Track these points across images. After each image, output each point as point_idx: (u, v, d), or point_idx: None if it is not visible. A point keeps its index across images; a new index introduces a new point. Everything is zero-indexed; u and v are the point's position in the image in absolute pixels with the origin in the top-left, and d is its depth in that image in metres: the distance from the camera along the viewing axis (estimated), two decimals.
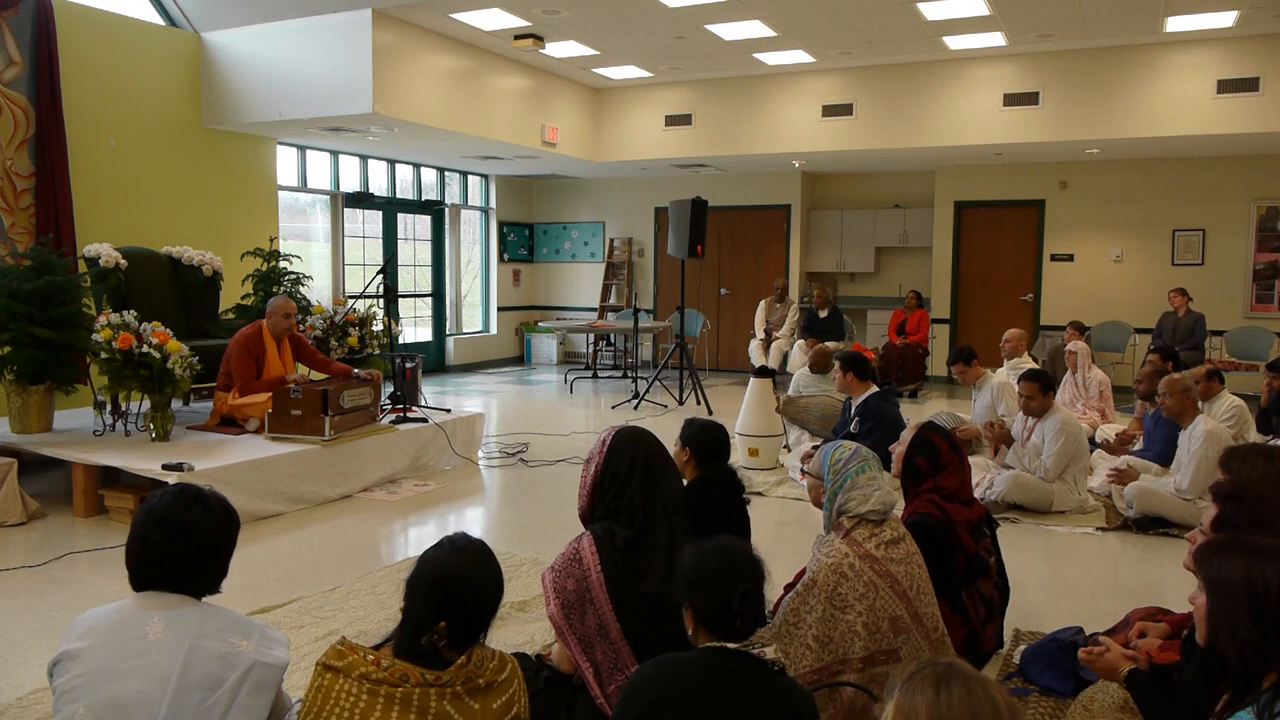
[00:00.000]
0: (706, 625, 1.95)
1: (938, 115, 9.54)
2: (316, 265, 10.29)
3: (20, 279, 5.48)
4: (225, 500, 2.07)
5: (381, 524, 5.24)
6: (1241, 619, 1.72)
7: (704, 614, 1.95)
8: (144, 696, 1.81)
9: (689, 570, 2.01)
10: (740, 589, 1.92)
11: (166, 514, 1.96)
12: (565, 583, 2.42)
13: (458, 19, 8.11)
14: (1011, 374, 6.93)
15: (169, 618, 1.89)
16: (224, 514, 2.03)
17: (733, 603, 1.91)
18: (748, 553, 2.02)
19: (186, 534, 1.94)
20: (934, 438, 3.36)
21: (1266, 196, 10.06)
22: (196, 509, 1.98)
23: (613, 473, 2.54)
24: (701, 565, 1.99)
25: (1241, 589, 1.73)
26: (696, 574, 1.98)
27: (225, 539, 2.02)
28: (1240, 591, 1.73)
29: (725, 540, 2.05)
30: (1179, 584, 4.07)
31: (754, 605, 1.94)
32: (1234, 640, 1.72)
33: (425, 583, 1.89)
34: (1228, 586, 1.76)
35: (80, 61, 7.33)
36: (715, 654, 1.90)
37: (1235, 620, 1.72)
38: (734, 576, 1.94)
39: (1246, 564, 1.76)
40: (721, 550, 2.00)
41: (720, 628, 1.92)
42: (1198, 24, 8.04)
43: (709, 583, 1.95)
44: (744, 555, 2.00)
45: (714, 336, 12.72)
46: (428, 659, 1.84)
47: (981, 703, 1.26)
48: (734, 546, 2.02)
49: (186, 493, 2.03)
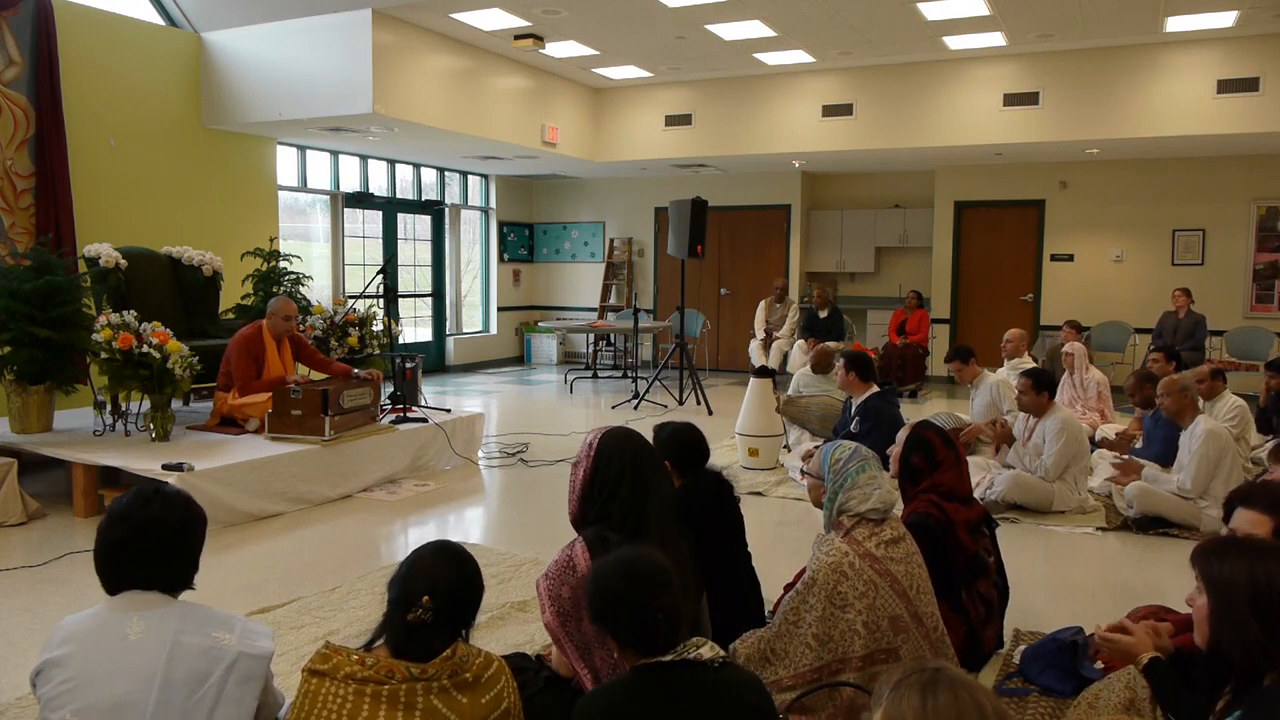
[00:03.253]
0: (631, 647, 1.88)
1: (938, 115, 9.54)
2: (316, 265, 10.28)
3: (20, 279, 5.47)
4: (188, 496, 2.08)
5: (381, 524, 5.24)
6: (1246, 619, 1.71)
7: (624, 639, 1.88)
8: (130, 697, 1.81)
9: (594, 595, 1.91)
10: (654, 607, 1.84)
11: (125, 511, 1.97)
12: (560, 590, 2.40)
13: (458, 19, 8.11)
14: (1012, 374, 6.92)
15: (148, 617, 1.89)
16: (184, 508, 2.03)
17: (649, 624, 1.84)
18: (652, 564, 1.92)
19: (146, 529, 1.94)
20: (927, 434, 3.36)
21: (1266, 196, 10.06)
22: (155, 504, 1.98)
23: (602, 476, 2.49)
24: (606, 590, 1.90)
25: (1245, 590, 1.73)
26: (603, 600, 1.89)
27: (188, 533, 2.02)
28: (1243, 592, 1.73)
29: (625, 555, 1.95)
30: (1179, 584, 4.07)
31: (672, 618, 1.86)
32: (1238, 640, 1.71)
33: (405, 566, 1.93)
34: (1230, 587, 1.76)
35: (80, 61, 7.33)
36: (650, 673, 1.85)
37: (1239, 621, 1.72)
38: (645, 596, 1.86)
39: (1248, 565, 1.76)
40: (624, 569, 1.91)
41: (645, 648, 1.86)
42: (1198, 24, 8.04)
43: (620, 609, 1.87)
44: (649, 570, 1.91)
45: (714, 336, 12.72)
46: (416, 643, 1.85)
47: (968, 708, 1.26)
48: (635, 561, 1.92)
49: (145, 490, 2.03)
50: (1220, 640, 1.75)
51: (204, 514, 2.10)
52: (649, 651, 1.86)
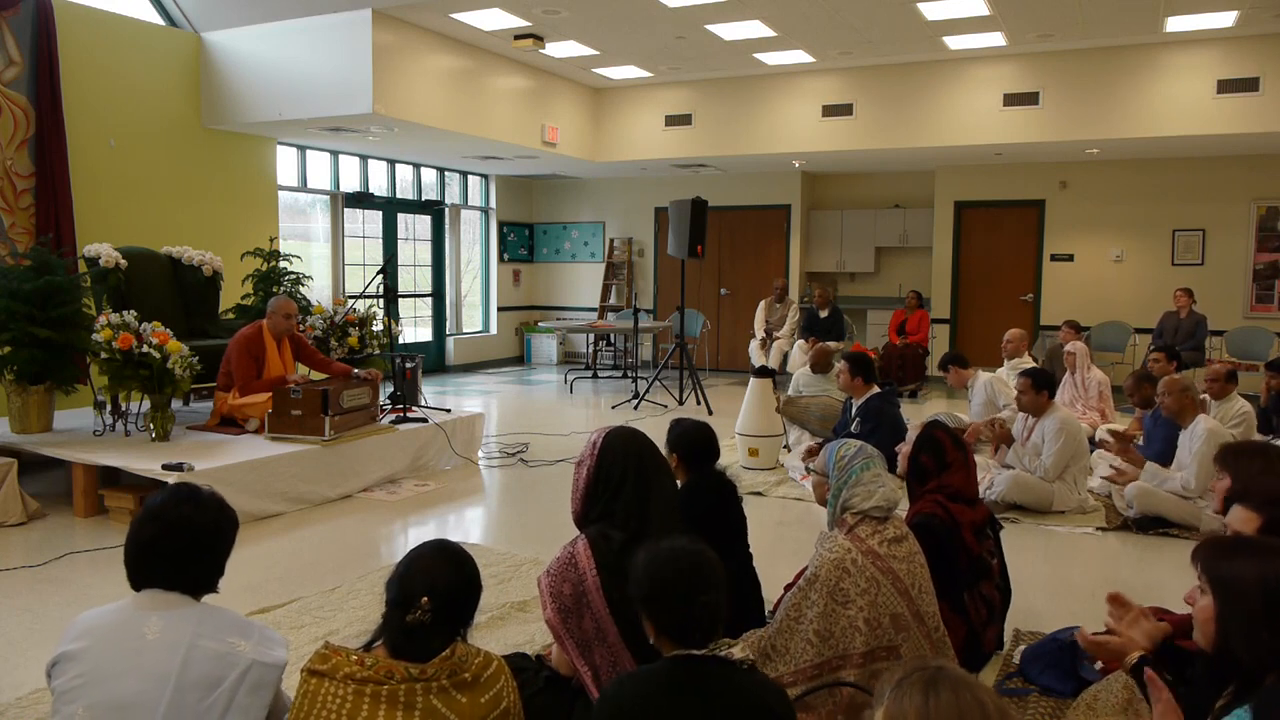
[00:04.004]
0: (669, 636, 1.90)
1: (938, 115, 9.54)
2: (316, 265, 10.28)
3: (20, 279, 5.47)
4: (221, 499, 2.08)
5: (381, 524, 5.24)
6: (1257, 621, 1.70)
7: (664, 627, 1.90)
8: (143, 696, 1.81)
9: (643, 581, 1.92)
10: (701, 601, 1.86)
11: (159, 510, 1.97)
12: (561, 587, 2.40)
13: (458, 19, 8.11)
14: (1011, 374, 6.93)
15: (167, 618, 1.89)
16: (217, 511, 2.03)
17: (693, 616, 1.85)
18: (705, 558, 1.93)
19: (178, 529, 1.95)
20: (939, 435, 3.36)
21: (1266, 196, 10.06)
22: (189, 505, 1.99)
23: (606, 475, 2.50)
24: (657, 576, 1.91)
25: (1256, 591, 1.72)
26: (652, 586, 1.91)
27: (219, 537, 2.02)
28: (1255, 594, 1.71)
29: (679, 546, 1.96)
30: (1179, 584, 4.06)
31: (714, 614, 1.88)
32: (1249, 641, 1.70)
33: (402, 567, 1.93)
34: (1240, 588, 1.74)
35: (80, 61, 7.33)
36: (682, 663, 1.86)
37: (1250, 622, 1.71)
38: (692, 589, 1.87)
39: (1258, 566, 1.74)
40: (676, 558, 1.92)
41: (683, 639, 1.88)
42: (1198, 24, 8.04)
43: (666, 597, 1.88)
44: (701, 562, 1.92)
45: (714, 336, 12.72)
46: (415, 644, 1.85)
47: (970, 707, 1.25)
48: (689, 554, 1.93)
49: (181, 490, 2.04)
50: (1229, 641, 1.73)
51: (236, 518, 2.11)
52: (686, 642, 1.88)
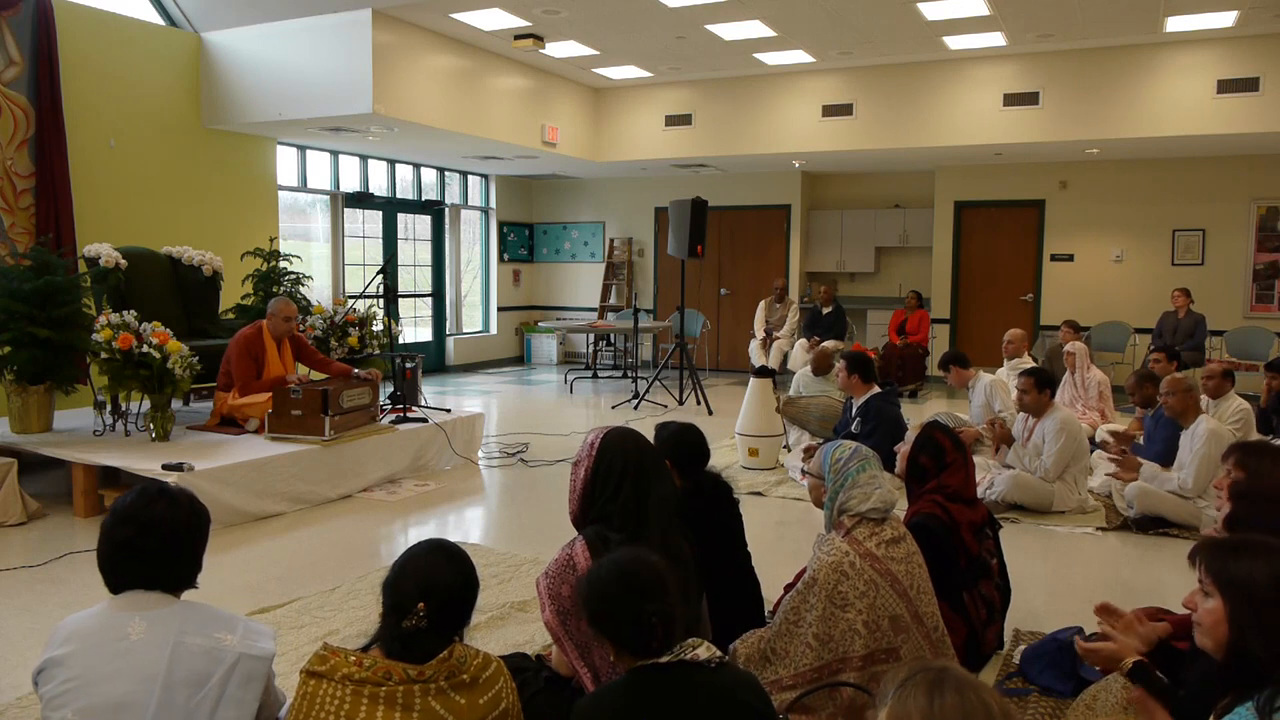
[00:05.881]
0: (627, 650, 1.88)
1: (938, 115, 9.54)
2: (316, 265, 10.28)
3: (20, 279, 5.48)
4: (192, 495, 2.08)
5: (381, 524, 5.24)
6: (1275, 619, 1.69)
7: (619, 642, 1.88)
8: (132, 697, 1.81)
9: (588, 599, 1.90)
10: (648, 611, 1.83)
11: (130, 510, 1.96)
12: (560, 588, 2.40)
13: (458, 19, 8.11)
14: (1011, 374, 6.93)
15: (150, 617, 1.89)
16: (189, 507, 2.03)
17: (644, 627, 1.83)
18: (647, 566, 1.91)
19: (152, 529, 1.94)
20: (938, 435, 3.37)
21: (1266, 196, 10.06)
22: (161, 503, 1.98)
23: (604, 476, 2.49)
24: (598, 594, 1.89)
25: (1271, 590, 1.71)
26: (598, 603, 1.88)
27: (192, 532, 2.02)
28: (1270, 593, 1.70)
29: (619, 558, 1.95)
30: (1179, 584, 4.07)
31: (667, 621, 1.86)
32: (1267, 639, 1.68)
33: (397, 569, 1.93)
34: (1252, 587, 1.72)
35: (80, 61, 7.33)
36: (646, 675, 1.84)
37: (1267, 619, 1.69)
38: (639, 599, 1.85)
39: (1268, 565, 1.73)
40: (619, 571, 1.90)
41: (641, 651, 1.86)
42: (1197, 24, 8.04)
43: (615, 612, 1.86)
44: (644, 571, 1.90)
45: (714, 336, 12.72)
46: (412, 650, 1.84)
47: (975, 707, 1.25)
48: (630, 565, 1.91)
49: (150, 489, 2.03)
50: (1244, 641, 1.71)
51: (208, 513, 2.10)
52: (644, 654, 1.86)
